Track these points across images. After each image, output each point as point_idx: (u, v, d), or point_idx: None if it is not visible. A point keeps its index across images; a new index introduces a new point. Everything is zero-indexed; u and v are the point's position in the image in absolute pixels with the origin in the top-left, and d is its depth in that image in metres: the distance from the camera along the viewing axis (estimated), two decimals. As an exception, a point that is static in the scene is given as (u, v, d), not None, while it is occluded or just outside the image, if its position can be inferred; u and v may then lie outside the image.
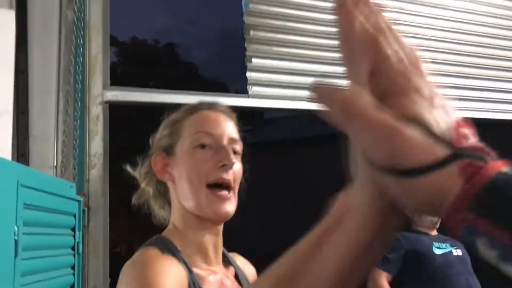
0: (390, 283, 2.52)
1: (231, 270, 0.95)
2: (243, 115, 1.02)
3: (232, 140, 0.92)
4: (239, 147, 0.94)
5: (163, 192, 0.97)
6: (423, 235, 2.67)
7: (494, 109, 2.52)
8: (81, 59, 1.73)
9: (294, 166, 8.56)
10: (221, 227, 0.93)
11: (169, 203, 0.96)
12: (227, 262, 0.96)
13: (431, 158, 0.31)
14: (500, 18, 2.62)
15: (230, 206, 0.88)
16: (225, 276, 0.91)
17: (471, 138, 0.33)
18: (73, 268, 1.44)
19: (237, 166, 0.91)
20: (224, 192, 0.87)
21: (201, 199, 0.87)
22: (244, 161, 0.95)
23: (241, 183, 0.93)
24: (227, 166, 0.88)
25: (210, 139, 0.89)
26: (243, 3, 2.08)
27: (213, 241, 0.90)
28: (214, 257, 0.90)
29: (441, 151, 0.31)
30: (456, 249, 2.61)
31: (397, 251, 2.57)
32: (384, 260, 2.56)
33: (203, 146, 0.89)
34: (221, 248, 0.94)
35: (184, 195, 0.89)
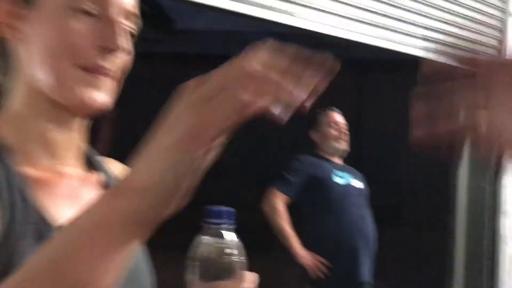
0: (288, 208, 2.40)
1: (96, 176, 0.69)
2: (149, 22, 0.72)
3: (128, 14, 0.64)
4: (135, 26, 0.66)
5: (2, 51, 0.66)
6: (325, 161, 2.56)
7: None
8: None
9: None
10: (84, 123, 0.67)
11: (6, 70, 0.65)
12: (92, 167, 0.70)
13: None
14: None
15: (106, 96, 0.63)
16: (82, 182, 0.66)
17: None
18: None
19: (126, 54, 0.64)
20: (102, 76, 0.62)
21: (66, 78, 0.61)
22: (135, 43, 0.66)
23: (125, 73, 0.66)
24: (112, 50, 0.61)
25: (96, 4, 0.61)
26: None
27: (68, 137, 0.65)
28: (66, 156, 0.66)
29: None
30: (356, 180, 2.56)
31: (298, 174, 2.44)
32: (283, 181, 2.42)
33: (83, 12, 0.61)
34: (79, 148, 0.68)
35: (39, 68, 0.62)
